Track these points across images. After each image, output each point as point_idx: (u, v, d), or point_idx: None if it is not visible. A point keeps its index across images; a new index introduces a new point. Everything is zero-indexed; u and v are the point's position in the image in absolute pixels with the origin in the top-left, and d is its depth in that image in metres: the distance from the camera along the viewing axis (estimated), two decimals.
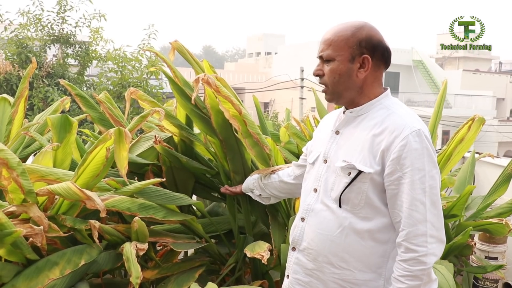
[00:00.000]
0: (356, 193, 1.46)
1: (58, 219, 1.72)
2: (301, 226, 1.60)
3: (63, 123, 2.02)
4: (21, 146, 2.41)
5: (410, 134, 1.39)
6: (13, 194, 1.65)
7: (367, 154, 1.45)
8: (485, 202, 2.95)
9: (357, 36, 1.47)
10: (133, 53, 9.27)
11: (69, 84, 2.42)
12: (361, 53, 1.48)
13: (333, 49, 1.49)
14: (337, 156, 1.53)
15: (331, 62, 1.50)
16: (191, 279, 1.99)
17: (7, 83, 8.70)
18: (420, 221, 1.37)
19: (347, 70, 1.49)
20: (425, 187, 1.38)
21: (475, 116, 2.88)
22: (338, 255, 1.49)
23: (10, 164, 1.54)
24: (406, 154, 1.38)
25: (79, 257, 1.68)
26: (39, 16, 9.26)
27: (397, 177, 1.40)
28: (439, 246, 1.40)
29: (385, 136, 1.42)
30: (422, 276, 1.37)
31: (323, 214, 1.53)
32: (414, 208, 1.38)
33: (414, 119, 1.45)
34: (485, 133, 22.15)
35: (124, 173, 1.76)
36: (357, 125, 1.52)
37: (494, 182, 2.97)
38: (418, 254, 1.37)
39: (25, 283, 1.56)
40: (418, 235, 1.37)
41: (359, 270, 1.48)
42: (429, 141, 1.42)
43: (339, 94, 1.54)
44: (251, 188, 2.10)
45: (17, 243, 1.57)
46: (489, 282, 3.22)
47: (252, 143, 2.04)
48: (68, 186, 1.58)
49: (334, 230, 1.50)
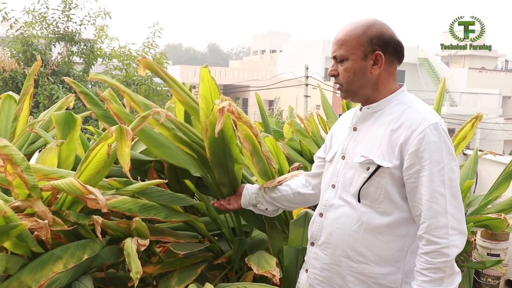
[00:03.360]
0: (375, 188, 1.48)
1: (62, 214, 1.74)
2: (320, 222, 1.62)
3: (67, 120, 2.05)
4: (26, 143, 2.44)
5: (428, 127, 1.41)
6: (18, 189, 1.68)
7: (386, 149, 1.46)
8: (486, 199, 2.96)
9: (368, 33, 1.49)
10: (138, 51, 9.30)
11: (74, 82, 2.45)
12: (373, 50, 1.50)
13: (346, 48, 1.51)
14: (355, 152, 1.55)
15: (345, 62, 1.52)
16: (194, 275, 2.01)
17: (12, 80, 8.76)
18: (440, 213, 1.38)
19: (361, 68, 1.51)
20: (444, 179, 1.39)
21: (478, 114, 2.89)
22: (356, 249, 1.51)
23: (14, 160, 1.56)
24: (425, 147, 1.39)
25: (82, 251, 1.71)
26: (44, 14, 9.31)
27: (416, 170, 1.41)
28: (460, 238, 1.40)
29: (403, 130, 1.44)
30: (445, 268, 1.37)
31: (341, 209, 1.55)
32: (434, 200, 1.39)
33: (431, 113, 1.46)
34: (490, 131, 22.06)
35: (127, 169, 1.78)
36: (375, 121, 1.54)
37: (496, 179, 2.98)
38: (440, 246, 1.37)
39: (30, 276, 1.58)
40: (439, 227, 1.38)
41: (376, 264, 1.50)
42: (446, 134, 1.43)
43: (354, 92, 1.56)
44: (253, 202, 1.99)
45: (22, 236, 1.59)
46: (491, 279, 3.23)
47: (257, 160, 1.98)
48: (71, 182, 1.60)
49: (353, 225, 1.51)
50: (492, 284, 3.26)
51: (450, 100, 24.72)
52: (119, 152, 1.66)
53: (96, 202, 1.68)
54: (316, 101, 19.16)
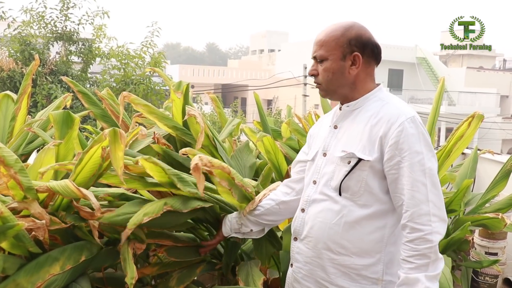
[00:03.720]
0: (356, 181, 1.53)
1: (58, 216, 1.74)
2: (302, 217, 1.67)
3: (65, 119, 2.04)
4: (24, 142, 2.43)
5: (406, 120, 1.47)
6: (13, 190, 1.67)
7: (366, 143, 1.52)
8: (484, 198, 2.96)
9: (346, 35, 1.56)
10: (136, 51, 9.28)
11: (72, 81, 2.45)
12: (351, 51, 1.56)
13: (325, 49, 1.58)
14: (337, 148, 1.60)
15: (324, 62, 1.59)
16: (192, 275, 2.01)
17: (10, 80, 8.74)
18: (422, 201, 1.43)
19: (340, 68, 1.58)
20: (424, 169, 1.45)
21: (475, 113, 2.89)
22: (336, 241, 1.56)
23: (7, 162, 1.54)
24: (404, 139, 1.45)
25: (80, 253, 1.70)
26: (42, 13, 9.29)
27: (397, 161, 1.46)
28: (442, 225, 1.45)
29: (382, 124, 1.50)
30: (430, 254, 1.42)
31: (323, 203, 1.60)
32: (416, 189, 1.44)
33: (408, 108, 1.53)
34: (488, 130, 22.08)
35: (120, 173, 1.76)
36: (354, 118, 1.60)
37: (494, 178, 2.98)
38: (424, 233, 1.42)
39: (26, 278, 1.57)
40: (422, 214, 1.43)
41: (357, 256, 1.54)
42: (423, 127, 1.50)
43: (333, 90, 1.63)
44: (236, 228, 1.94)
45: (19, 236, 1.59)
46: (488, 278, 3.24)
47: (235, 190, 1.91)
48: (66, 184, 1.59)
49: (333, 218, 1.56)
50: (490, 283, 3.27)
51: (448, 99, 24.73)
52: (112, 155, 1.64)
53: (90, 214, 1.68)
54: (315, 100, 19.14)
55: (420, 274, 1.42)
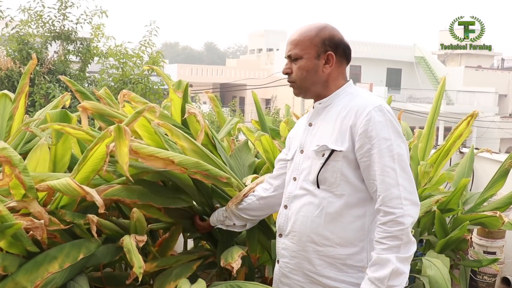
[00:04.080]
0: (332, 172, 1.59)
1: (58, 214, 1.74)
2: (285, 213, 1.73)
3: (62, 119, 2.04)
4: (21, 142, 2.43)
5: (373, 109, 1.54)
6: (14, 190, 1.67)
7: (338, 135, 1.59)
8: (482, 196, 2.97)
9: (320, 35, 1.64)
10: (134, 50, 9.27)
11: (69, 80, 2.44)
12: (325, 50, 1.64)
13: (300, 48, 1.65)
14: (312, 144, 1.67)
15: (299, 60, 1.66)
16: (189, 271, 2.02)
17: (8, 79, 8.71)
18: (392, 185, 1.49)
19: (314, 66, 1.65)
20: (393, 154, 1.50)
21: (474, 112, 2.90)
22: (319, 233, 1.61)
23: (13, 162, 1.56)
24: (372, 127, 1.52)
25: (78, 251, 1.70)
26: (40, 12, 9.25)
27: (367, 149, 1.53)
28: (414, 208, 1.50)
29: (351, 115, 1.57)
30: (401, 236, 1.47)
31: (304, 198, 1.66)
32: (386, 174, 1.50)
33: (375, 98, 1.60)
34: (487, 129, 22.12)
35: (126, 168, 1.78)
36: (326, 114, 1.68)
37: (492, 177, 2.99)
38: (396, 216, 1.47)
39: (25, 277, 1.58)
40: (393, 198, 1.49)
41: (341, 246, 1.60)
42: (392, 115, 1.55)
43: (306, 88, 1.70)
44: (221, 220, 2.05)
45: (17, 235, 1.59)
46: (487, 277, 3.24)
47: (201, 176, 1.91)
48: (68, 182, 1.60)
49: (314, 211, 1.62)
50: (488, 282, 3.27)
51: (447, 98, 24.76)
52: (118, 151, 1.67)
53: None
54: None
55: (391, 255, 1.47)
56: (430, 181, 2.95)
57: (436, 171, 2.94)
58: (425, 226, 2.97)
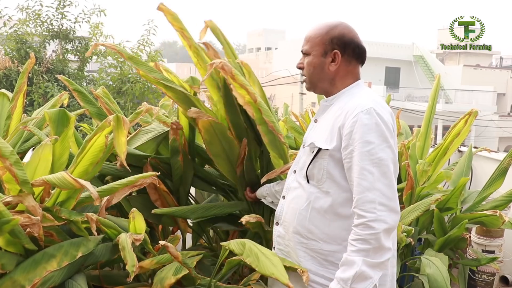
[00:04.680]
0: (318, 169, 1.63)
1: (53, 211, 1.73)
2: (282, 203, 1.80)
3: (60, 118, 2.03)
4: (20, 141, 2.43)
5: (361, 112, 1.54)
6: (8, 184, 1.66)
7: (328, 133, 1.62)
8: (481, 195, 2.97)
9: (330, 33, 1.67)
10: (133, 49, 9.25)
11: (67, 79, 2.44)
12: (332, 49, 1.67)
13: (310, 44, 1.71)
14: (310, 139, 1.71)
15: (308, 56, 1.72)
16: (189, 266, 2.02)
17: (6, 78, 8.70)
18: (368, 189, 1.48)
19: (320, 63, 1.69)
20: (373, 159, 1.49)
21: (471, 111, 2.90)
22: (305, 226, 1.66)
23: (3, 153, 1.54)
24: (357, 129, 1.52)
25: (76, 249, 1.70)
26: (38, 11, 9.24)
27: (350, 151, 1.54)
28: (390, 215, 1.48)
29: (342, 116, 1.59)
30: (371, 240, 1.46)
31: (296, 191, 1.73)
32: (362, 177, 1.49)
33: (369, 100, 1.58)
34: (485, 128, 22.13)
35: (123, 158, 1.78)
36: (328, 112, 1.72)
37: (490, 176, 2.99)
38: (367, 219, 1.47)
39: (23, 275, 1.57)
40: (366, 201, 1.48)
41: (324, 242, 1.64)
42: (381, 118, 1.54)
43: (314, 84, 1.74)
44: (264, 195, 2.19)
45: (15, 232, 1.58)
46: (485, 275, 3.25)
47: (265, 130, 2.06)
48: (63, 176, 1.59)
49: (302, 204, 1.67)
50: (487, 281, 3.27)
51: (445, 97, 24.77)
52: (116, 141, 1.67)
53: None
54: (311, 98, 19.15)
55: (358, 258, 1.46)
56: (429, 179, 2.95)
57: (434, 170, 2.94)
58: (423, 225, 2.97)
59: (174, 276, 1.88)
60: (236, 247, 1.67)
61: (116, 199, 1.94)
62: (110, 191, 1.86)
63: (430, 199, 2.71)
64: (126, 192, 1.93)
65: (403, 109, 4.75)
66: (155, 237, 2.48)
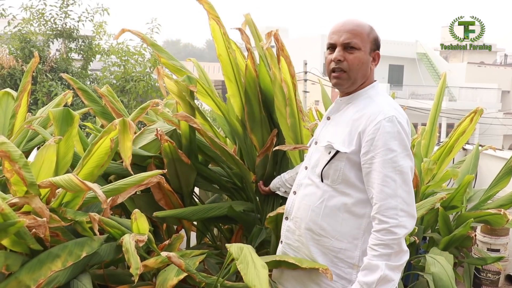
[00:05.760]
0: (334, 170, 1.65)
1: (58, 212, 1.73)
2: (293, 199, 1.82)
3: (65, 117, 2.03)
4: (24, 140, 2.43)
5: (384, 119, 1.56)
6: (16, 186, 1.67)
7: (347, 136, 1.63)
8: (486, 194, 2.95)
9: (373, 33, 1.69)
10: (136, 47, 9.26)
11: (71, 78, 2.43)
12: (374, 48, 1.70)
13: (360, 39, 1.65)
14: (325, 138, 1.72)
15: (357, 51, 1.65)
16: (192, 266, 2.02)
17: (11, 77, 8.72)
18: (390, 196, 1.52)
19: (367, 61, 1.68)
20: (396, 166, 1.53)
21: (477, 109, 2.88)
22: (317, 223, 1.68)
23: (12, 157, 1.56)
24: (379, 136, 1.55)
25: (81, 249, 1.70)
26: (42, 10, 9.26)
27: (371, 157, 1.56)
28: (409, 220, 1.53)
29: (363, 121, 1.60)
30: (393, 245, 1.51)
31: (309, 188, 1.74)
32: (385, 184, 1.52)
33: (391, 108, 1.61)
34: (489, 126, 22.04)
35: (128, 162, 1.78)
36: (343, 112, 1.72)
37: (496, 174, 2.97)
38: (389, 225, 1.51)
39: (28, 275, 1.58)
40: (389, 208, 1.52)
41: (336, 239, 1.66)
42: (402, 127, 1.57)
43: (355, 80, 1.69)
44: (277, 186, 2.25)
45: (20, 233, 1.58)
46: (490, 274, 3.23)
47: (291, 112, 2.12)
48: (70, 178, 1.59)
49: (316, 201, 1.70)
50: (492, 280, 3.26)
51: (449, 95, 24.67)
52: (121, 145, 1.67)
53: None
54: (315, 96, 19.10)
55: (381, 262, 1.51)
56: (434, 178, 2.93)
57: (439, 168, 2.92)
58: (428, 223, 2.96)
59: (176, 277, 1.87)
60: (235, 251, 1.68)
61: (121, 199, 1.94)
62: (116, 191, 1.86)
63: (435, 198, 2.69)
64: (132, 191, 1.93)
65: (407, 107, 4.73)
66: (160, 236, 2.48)
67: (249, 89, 2.24)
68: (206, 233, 2.66)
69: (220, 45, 2.28)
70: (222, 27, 2.24)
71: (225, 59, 2.29)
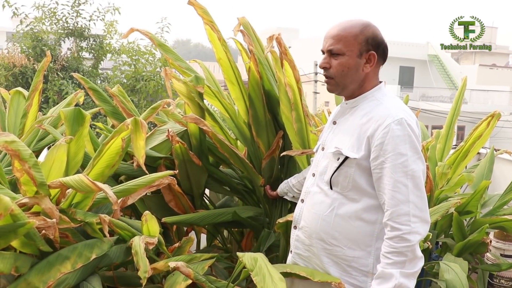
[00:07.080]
0: (344, 177, 1.60)
1: (68, 213, 1.72)
2: (301, 207, 1.76)
3: (76, 117, 2.02)
4: (35, 139, 2.42)
5: (393, 122, 1.51)
6: (25, 186, 1.66)
7: (355, 141, 1.58)
8: (502, 199, 2.90)
9: (364, 33, 1.59)
10: (147, 47, 9.29)
11: (82, 78, 2.42)
12: (368, 49, 1.60)
13: (343, 44, 1.59)
14: (332, 143, 1.67)
15: (340, 56, 1.60)
16: (200, 271, 2.00)
17: (22, 76, 8.79)
18: (402, 202, 1.47)
19: (355, 65, 1.60)
20: (407, 171, 1.48)
21: (495, 112, 2.83)
22: (328, 232, 1.63)
23: (22, 156, 1.54)
24: (389, 140, 1.49)
25: (90, 251, 1.69)
26: (54, 9, 9.32)
27: (381, 161, 1.51)
28: (423, 226, 1.49)
29: (371, 124, 1.55)
30: (407, 252, 1.46)
31: (317, 196, 1.69)
32: (397, 190, 1.48)
33: (399, 110, 1.56)
34: (501, 129, 21.82)
35: (142, 162, 1.77)
36: (350, 116, 1.66)
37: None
38: (402, 232, 1.46)
39: (38, 277, 1.56)
40: (401, 214, 1.47)
41: (348, 247, 1.61)
42: (412, 130, 1.52)
43: (344, 86, 1.65)
44: (284, 191, 2.20)
45: (30, 234, 1.57)
46: (504, 280, 3.17)
47: (297, 117, 2.08)
48: (80, 179, 1.58)
49: (325, 210, 1.64)
50: (505, 286, 3.20)
51: None
52: (134, 144, 1.66)
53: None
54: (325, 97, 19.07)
55: (395, 270, 1.46)
56: (448, 182, 2.89)
57: (454, 172, 2.88)
58: (442, 228, 2.91)
59: (184, 282, 1.85)
60: (248, 261, 1.63)
61: (132, 200, 1.92)
62: (127, 192, 1.84)
63: (449, 203, 2.65)
64: (143, 192, 1.92)
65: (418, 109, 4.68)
66: (170, 237, 2.46)
67: (252, 92, 2.21)
68: (216, 236, 2.64)
69: (218, 49, 2.25)
70: (217, 32, 2.20)
71: (225, 63, 2.26)
